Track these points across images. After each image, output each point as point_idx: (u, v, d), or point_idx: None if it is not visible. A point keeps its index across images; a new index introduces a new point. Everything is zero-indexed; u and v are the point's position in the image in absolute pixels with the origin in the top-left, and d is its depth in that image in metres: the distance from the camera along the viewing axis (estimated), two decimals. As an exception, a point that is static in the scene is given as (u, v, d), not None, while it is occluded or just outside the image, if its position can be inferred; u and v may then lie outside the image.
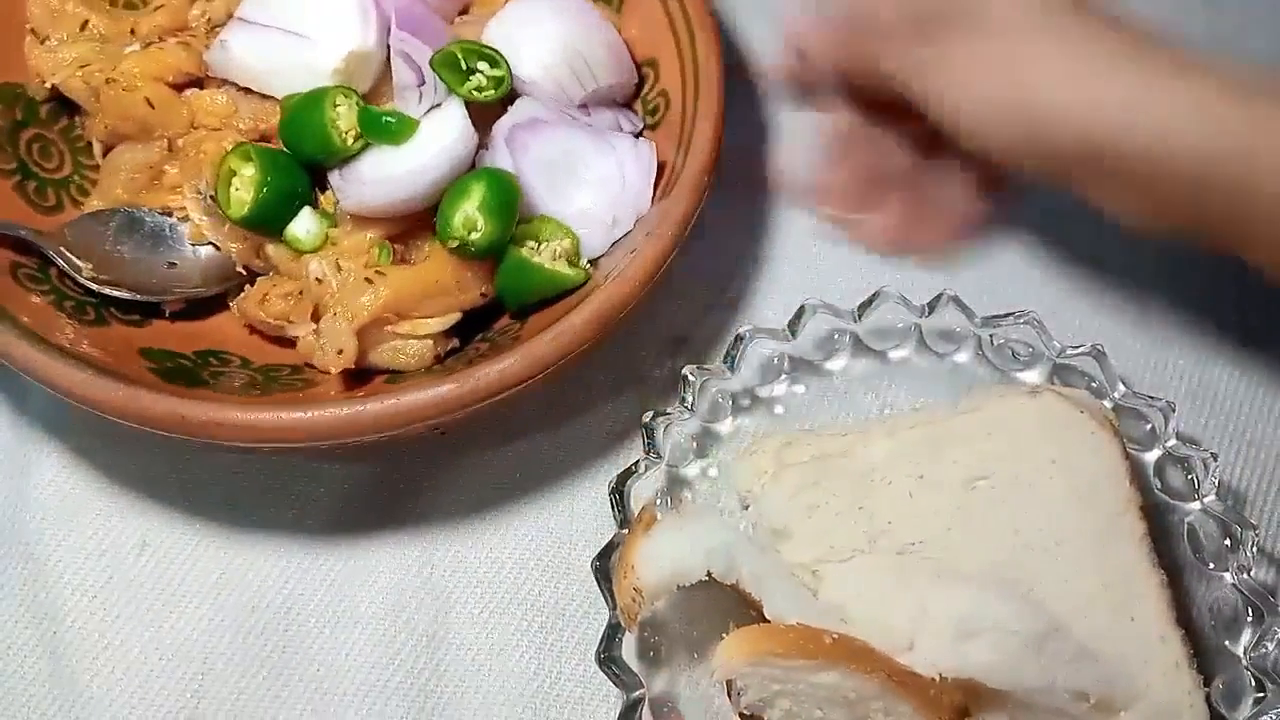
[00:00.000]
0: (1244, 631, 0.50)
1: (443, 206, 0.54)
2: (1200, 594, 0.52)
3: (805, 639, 0.46)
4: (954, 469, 0.52)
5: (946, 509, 0.52)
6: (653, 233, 0.54)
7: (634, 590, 0.48)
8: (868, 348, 0.58)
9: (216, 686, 0.55)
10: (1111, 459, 0.52)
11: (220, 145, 0.58)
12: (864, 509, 0.52)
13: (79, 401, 0.50)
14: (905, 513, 0.52)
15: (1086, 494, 0.51)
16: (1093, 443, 0.52)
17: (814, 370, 0.59)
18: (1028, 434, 0.53)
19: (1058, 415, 0.52)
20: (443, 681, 0.56)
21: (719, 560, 0.48)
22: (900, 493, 0.52)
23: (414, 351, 0.55)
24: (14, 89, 0.61)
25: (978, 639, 0.47)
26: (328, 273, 0.54)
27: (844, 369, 0.59)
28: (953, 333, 0.58)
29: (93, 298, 0.57)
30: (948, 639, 0.47)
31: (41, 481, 0.59)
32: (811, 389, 0.59)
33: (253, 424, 0.50)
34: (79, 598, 0.56)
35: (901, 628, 0.48)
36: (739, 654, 0.45)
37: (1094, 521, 0.51)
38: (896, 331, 0.58)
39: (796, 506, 0.52)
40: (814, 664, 0.45)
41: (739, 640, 0.46)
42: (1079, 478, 0.51)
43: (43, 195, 0.60)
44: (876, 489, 0.53)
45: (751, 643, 0.46)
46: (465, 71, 0.56)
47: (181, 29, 0.61)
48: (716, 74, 0.58)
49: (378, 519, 0.59)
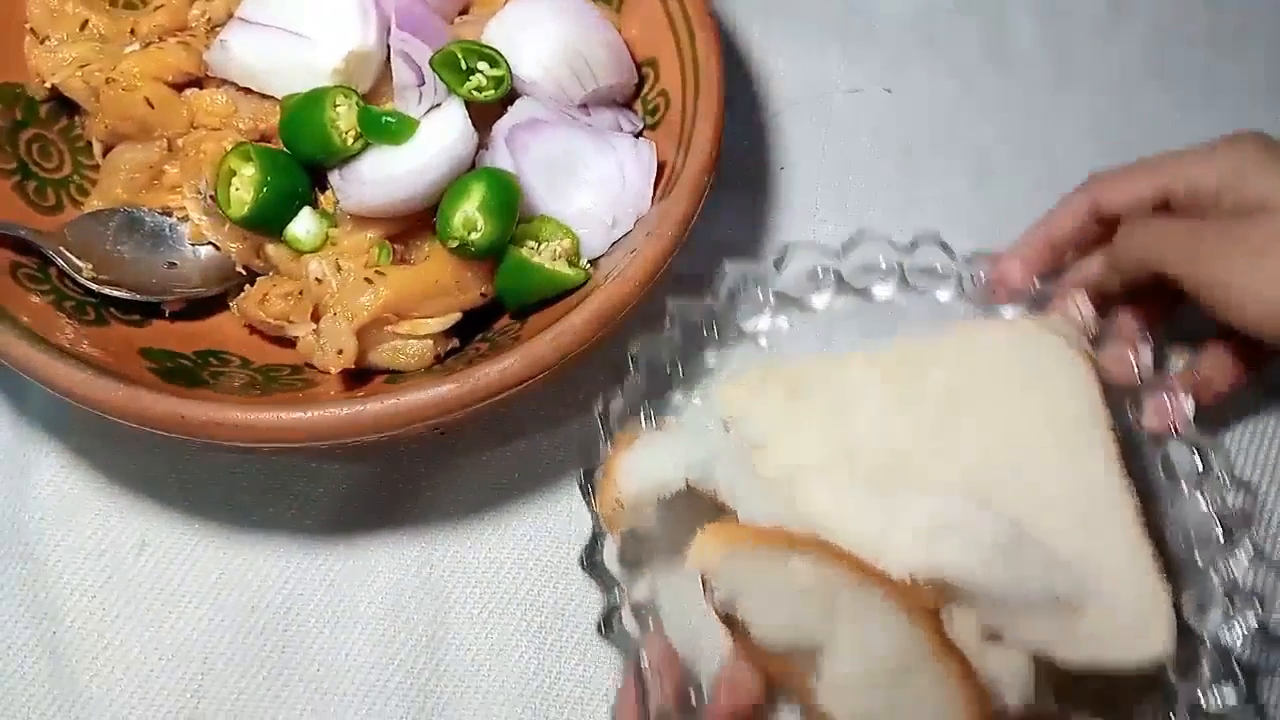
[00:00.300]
0: (1215, 549, 0.52)
1: (443, 206, 0.54)
2: (1175, 517, 0.54)
3: (774, 534, 0.47)
4: (930, 387, 0.54)
5: (921, 425, 0.53)
6: (653, 233, 0.54)
7: (616, 501, 0.50)
8: (851, 285, 0.60)
9: (216, 686, 0.55)
10: (1083, 379, 0.53)
11: (220, 145, 0.58)
12: (840, 425, 0.54)
13: (79, 401, 0.50)
14: (880, 428, 0.54)
15: (1058, 412, 0.53)
16: (1065, 363, 0.54)
17: (798, 306, 0.60)
18: (1003, 355, 0.54)
19: (1032, 338, 0.55)
20: (442, 681, 0.56)
21: (697, 471, 0.50)
22: (876, 409, 0.54)
23: (414, 351, 0.55)
24: (14, 89, 0.61)
25: (947, 541, 0.48)
26: (328, 273, 0.54)
27: (828, 305, 0.60)
28: (934, 270, 0.59)
29: (93, 298, 0.57)
30: (917, 541, 0.48)
31: (41, 481, 0.59)
32: (795, 324, 0.60)
33: (253, 424, 0.50)
34: (78, 597, 0.56)
35: (873, 535, 0.49)
36: (713, 546, 0.47)
37: (1065, 438, 0.52)
38: (880, 270, 0.59)
39: (774, 421, 0.54)
40: (784, 553, 0.46)
41: (713, 533, 0.47)
42: (1051, 396, 0.53)
43: (42, 195, 0.60)
44: (853, 405, 0.54)
45: (725, 535, 0.47)
46: (465, 71, 0.56)
47: (181, 29, 0.61)
48: (716, 74, 0.58)
49: (377, 519, 0.59)
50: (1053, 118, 0.72)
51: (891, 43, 0.74)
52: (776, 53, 0.73)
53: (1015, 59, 0.74)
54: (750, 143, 0.70)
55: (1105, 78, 0.74)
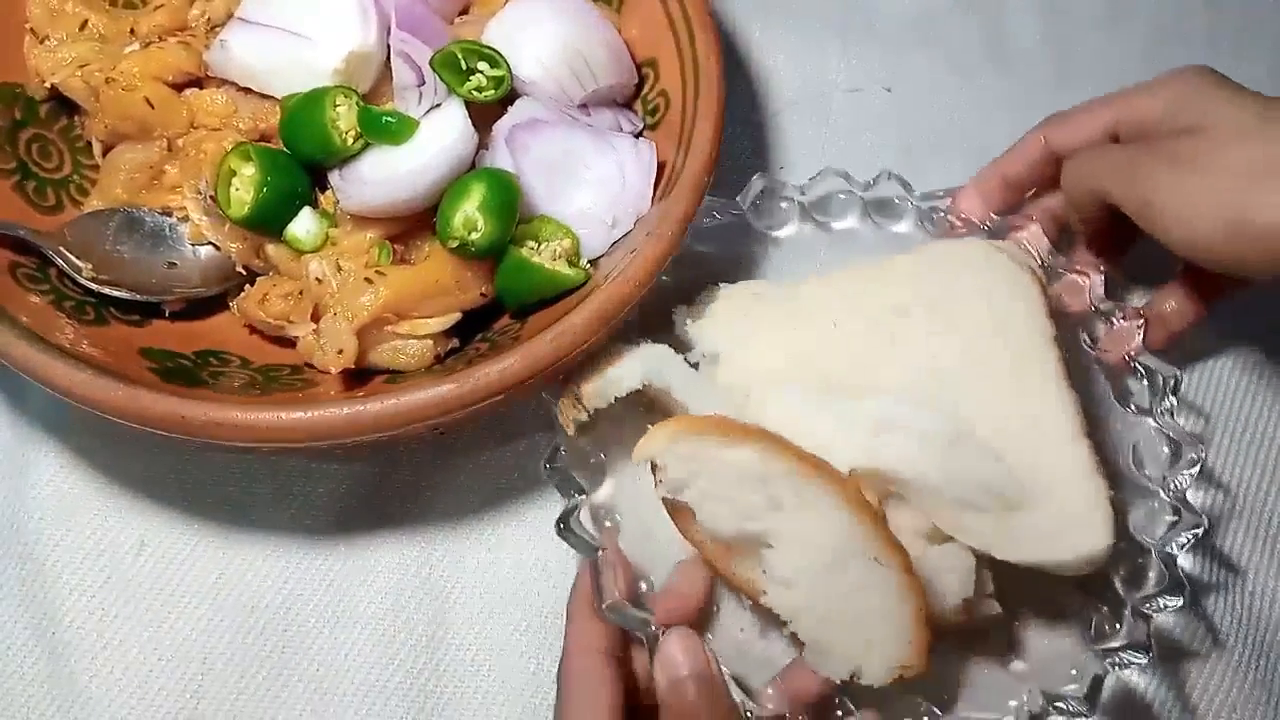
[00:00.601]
0: (1164, 466, 0.54)
1: (443, 206, 0.54)
2: (1126, 437, 0.56)
3: (720, 422, 0.49)
4: (880, 301, 0.57)
5: (870, 338, 0.56)
6: (653, 233, 0.54)
7: (574, 396, 0.52)
8: (814, 218, 0.62)
9: (216, 686, 0.55)
10: (1030, 295, 0.55)
11: (220, 145, 0.58)
12: (792, 337, 0.57)
13: (79, 401, 0.50)
14: (831, 341, 0.56)
15: (1004, 324, 0.55)
16: (1013, 279, 0.56)
17: (764, 239, 0.62)
18: (952, 271, 0.57)
19: (981, 255, 0.57)
20: (442, 681, 0.56)
21: (653, 373, 0.53)
22: (827, 323, 0.57)
23: (414, 351, 0.55)
24: (13, 89, 0.60)
25: (889, 436, 0.51)
26: (328, 273, 0.54)
27: (792, 236, 0.62)
28: (892, 204, 0.61)
29: (92, 297, 0.57)
30: (861, 437, 0.51)
31: (40, 481, 0.59)
32: (763, 253, 0.63)
33: (253, 424, 0.50)
34: (77, 598, 0.56)
35: (820, 436, 0.51)
36: (659, 435, 0.49)
37: (1010, 348, 0.54)
38: (840, 203, 0.62)
39: (729, 334, 0.57)
40: (726, 440, 0.48)
41: (660, 426, 0.49)
42: (998, 310, 0.55)
43: (42, 195, 0.60)
44: (805, 320, 0.57)
45: (670, 425, 0.49)
46: (465, 71, 0.56)
47: (181, 29, 0.61)
48: (716, 74, 0.58)
49: (377, 519, 0.59)
50: (1052, 118, 0.72)
51: (892, 42, 0.74)
52: (776, 52, 0.73)
53: (1015, 58, 0.74)
54: (750, 143, 0.70)
55: (1105, 78, 0.73)
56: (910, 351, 0.55)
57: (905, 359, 0.55)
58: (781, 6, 0.74)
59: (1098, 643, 0.52)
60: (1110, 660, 0.50)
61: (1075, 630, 0.53)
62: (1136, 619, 0.51)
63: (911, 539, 0.50)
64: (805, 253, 0.62)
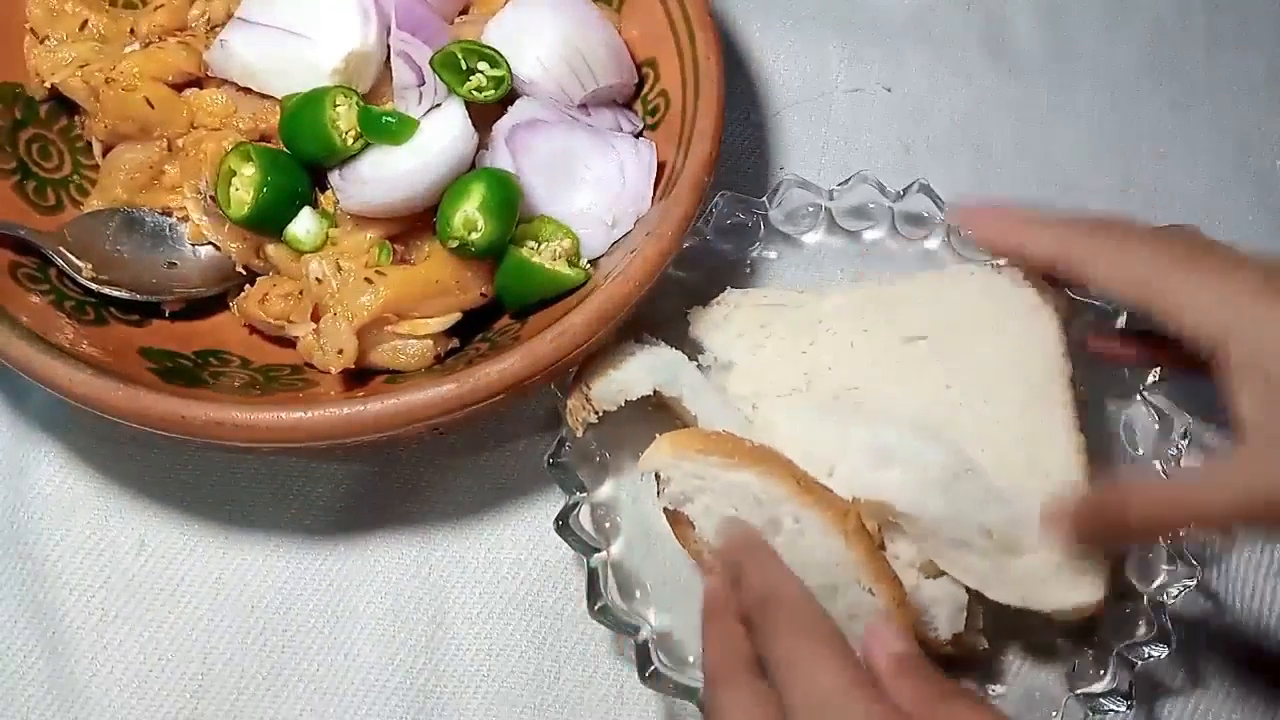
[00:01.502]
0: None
1: (443, 206, 0.54)
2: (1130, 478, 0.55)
3: (726, 441, 0.50)
4: (896, 325, 0.56)
5: (884, 360, 0.55)
6: (653, 233, 0.54)
7: (584, 397, 0.52)
8: (841, 226, 0.61)
9: (216, 686, 0.55)
10: (1047, 330, 0.54)
11: (220, 145, 0.58)
12: (806, 353, 0.56)
13: (79, 401, 0.50)
14: (845, 360, 0.56)
15: (1019, 359, 0.54)
16: (1031, 313, 0.55)
17: (788, 241, 0.62)
18: (970, 300, 0.56)
19: (1001, 286, 0.56)
20: (442, 682, 0.56)
21: (664, 378, 0.53)
22: (843, 342, 0.56)
23: (414, 351, 0.55)
24: (13, 89, 0.60)
25: (892, 467, 0.50)
26: (328, 273, 0.54)
27: (818, 244, 0.62)
28: (922, 218, 0.61)
29: (92, 297, 0.57)
30: (864, 465, 0.51)
31: (40, 481, 0.59)
32: (784, 258, 0.62)
33: (253, 424, 0.50)
34: (77, 597, 0.56)
35: (824, 455, 0.51)
36: (664, 449, 0.49)
37: (1023, 384, 0.54)
38: (870, 212, 0.61)
39: (743, 343, 0.57)
40: (729, 462, 0.49)
41: (666, 438, 0.50)
42: (1014, 343, 0.54)
43: (42, 195, 0.60)
44: (821, 336, 0.56)
45: (676, 440, 0.50)
46: (465, 71, 0.56)
47: (181, 29, 0.61)
48: (716, 74, 0.58)
49: (377, 519, 0.59)
50: (1053, 118, 0.72)
51: (892, 42, 0.74)
52: (776, 52, 0.73)
53: (1016, 58, 0.74)
54: (750, 143, 0.70)
55: (1105, 78, 0.74)
56: (924, 378, 0.54)
57: (918, 385, 0.54)
58: (781, 6, 0.74)
59: (1079, 686, 0.51)
60: (1091, 705, 0.50)
61: (1059, 671, 0.53)
62: (1120, 666, 0.50)
63: (906, 569, 0.50)
64: (829, 260, 0.62)
